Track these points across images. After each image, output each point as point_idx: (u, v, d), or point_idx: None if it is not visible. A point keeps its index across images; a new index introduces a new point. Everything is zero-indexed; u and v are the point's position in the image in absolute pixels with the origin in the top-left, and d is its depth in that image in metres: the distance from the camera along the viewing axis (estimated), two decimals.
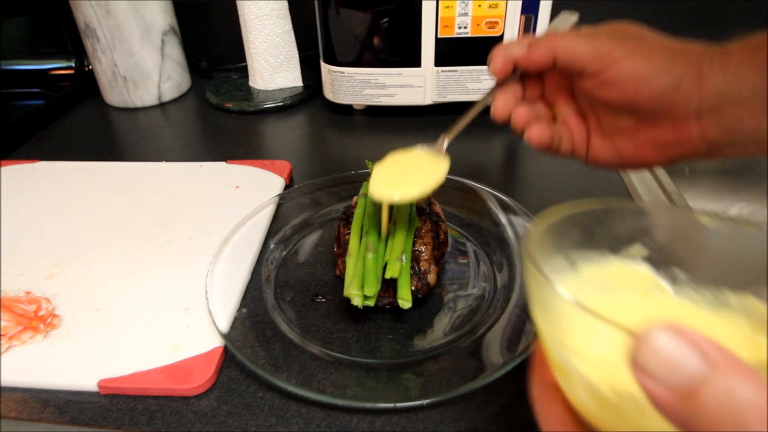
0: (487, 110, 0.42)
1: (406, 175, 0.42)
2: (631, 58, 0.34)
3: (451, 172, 0.59)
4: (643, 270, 0.28)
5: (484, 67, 0.70)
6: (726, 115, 0.34)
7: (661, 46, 0.35)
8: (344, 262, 0.44)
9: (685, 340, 0.16)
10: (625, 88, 0.35)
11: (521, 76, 0.40)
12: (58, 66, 0.92)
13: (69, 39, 0.89)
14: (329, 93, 0.77)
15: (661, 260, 0.28)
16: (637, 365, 0.17)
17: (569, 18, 0.44)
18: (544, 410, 0.24)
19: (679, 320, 0.25)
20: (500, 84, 0.40)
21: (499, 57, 0.39)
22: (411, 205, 0.47)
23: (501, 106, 0.40)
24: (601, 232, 0.28)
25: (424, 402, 0.37)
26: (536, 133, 0.40)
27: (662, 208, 0.28)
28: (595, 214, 0.27)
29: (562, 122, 0.42)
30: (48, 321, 0.43)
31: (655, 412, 0.17)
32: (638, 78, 0.35)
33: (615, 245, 0.28)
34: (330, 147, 0.72)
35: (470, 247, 0.51)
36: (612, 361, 0.17)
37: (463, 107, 0.75)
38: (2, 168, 0.66)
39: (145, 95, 0.84)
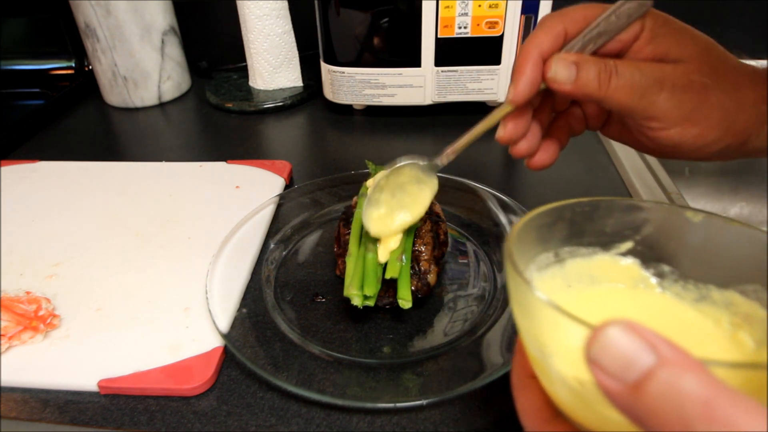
0: (482, 110, 0.41)
1: (395, 204, 0.41)
2: (683, 128, 0.32)
3: (451, 172, 0.59)
4: (630, 265, 0.28)
5: (484, 67, 0.70)
6: (752, 152, 0.34)
7: (722, 107, 0.32)
8: (344, 262, 0.44)
9: (636, 336, 0.17)
10: (665, 147, 0.34)
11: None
12: (58, 66, 0.92)
13: (69, 39, 0.89)
14: (329, 93, 0.77)
15: (649, 256, 0.28)
16: (590, 358, 0.17)
17: (630, 6, 0.32)
18: (522, 399, 0.25)
19: (661, 314, 0.26)
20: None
21: (523, 83, 0.33)
22: None
23: (508, 134, 0.36)
24: (589, 229, 0.28)
25: (424, 402, 0.37)
26: (540, 161, 0.38)
27: (651, 204, 0.27)
28: (583, 210, 0.27)
29: (583, 108, 0.39)
30: (48, 321, 0.43)
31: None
32: (684, 146, 0.33)
33: (604, 241, 0.28)
34: (330, 147, 0.72)
35: (470, 247, 0.51)
36: (577, 354, 0.18)
37: (463, 107, 0.76)
38: (2, 168, 0.66)
39: (145, 95, 0.84)
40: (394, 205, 0.41)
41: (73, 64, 0.91)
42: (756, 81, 0.33)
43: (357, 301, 0.40)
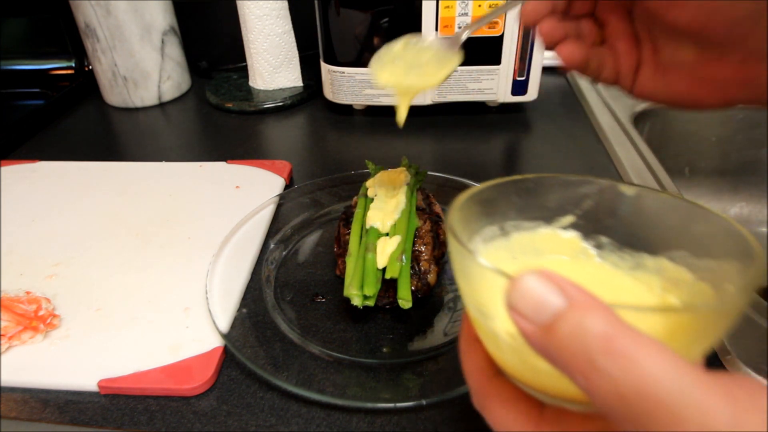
0: (482, 110, 0.40)
1: (413, 63, 0.39)
2: None
3: (451, 172, 0.59)
4: (571, 237, 0.30)
5: (484, 67, 0.70)
6: None
7: None
8: (344, 262, 0.44)
9: (548, 282, 0.18)
10: (699, 10, 0.30)
11: None
12: (58, 66, 0.92)
13: (69, 39, 0.89)
14: (329, 93, 0.77)
15: (589, 228, 0.30)
16: (509, 304, 0.19)
17: None
18: (467, 360, 0.27)
19: (599, 282, 0.28)
20: None
21: None
22: (411, 204, 0.47)
23: (530, 9, 0.35)
24: (533, 203, 0.29)
25: (424, 402, 0.37)
26: (567, 50, 0.35)
27: (590, 180, 0.29)
28: (527, 186, 0.29)
29: (609, 46, 0.36)
30: (48, 321, 0.43)
31: None
32: (713, 1, 0.30)
33: (547, 215, 0.30)
34: (330, 147, 0.72)
35: None
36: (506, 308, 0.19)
37: (463, 107, 0.76)
38: (2, 168, 0.66)
39: (145, 95, 0.84)
40: (412, 62, 0.39)
41: (73, 64, 0.91)
42: None
43: (357, 301, 0.40)
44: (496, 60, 0.70)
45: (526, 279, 0.18)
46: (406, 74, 0.39)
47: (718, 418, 0.16)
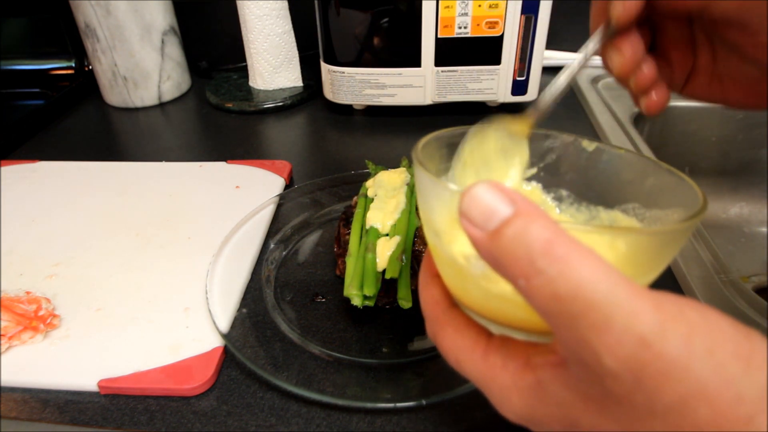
0: (482, 110, 0.38)
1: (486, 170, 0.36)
2: None
3: None
4: (533, 189, 0.31)
5: (484, 67, 0.70)
6: None
7: None
8: (344, 262, 0.44)
9: (498, 191, 0.19)
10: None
11: None
12: (58, 66, 0.92)
13: (69, 39, 0.89)
14: (329, 93, 0.77)
15: (550, 181, 0.31)
16: (461, 212, 0.19)
17: None
18: (425, 293, 0.28)
19: None
20: (615, 34, 0.30)
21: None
22: (411, 204, 0.47)
23: (627, 58, 0.30)
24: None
25: (424, 402, 0.37)
26: (659, 100, 0.32)
27: (553, 134, 0.30)
28: (491, 136, 0.30)
29: (663, 51, 0.33)
30: (48, 321, 0.43)
31: (492, 272, 0.20)
32: None
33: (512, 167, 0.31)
34: (330, 147, 0.72)
35: None
36: (462, 234, 0.20)
37: (463, 107, 0.76)
38: (2, 168, 0.66)
39: (145, 95, 0.84)
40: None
41: (73, 64, 0.91)
42: None
43: (357, 301, 0.40)
44: (496, 60, 0.70)
45: (477, 187, 0.19)
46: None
47: (643, 321, 0.16)
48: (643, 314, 0.17)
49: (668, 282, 0.47)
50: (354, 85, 0.73)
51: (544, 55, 0.70)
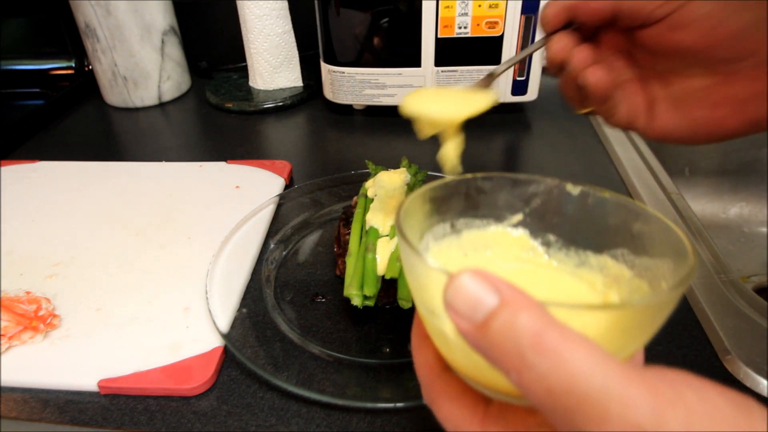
0: (473, 119, 0.39)
1: (448, 100, 0.39)
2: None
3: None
4: (521, 235, 0.31)
5: (484, 67, 0.70)
6: None
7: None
8: (344, 262, 0.44)
9: (482, 280, 0.19)
10: (699, 29, 0.31)
11: (576, 26, 0.36)
12: (58, 66, 0.92)
13: (69, 39, 0.89)
14: (329, 93, 0.77)
15: (537, 226, 0.31)
16: (446, 302, 0.19)
17: None
18: (417, 356, 0.27)
19: (546, 279, 0.29)
20: (550, 35, 0.36)
21: (551, 6, 0.35)
22: None
23: (557, 48, 0.36)
24: (483, 202, 0.30)
25: (424, 402, 0.37)
26: (596, 73, 0.35)
27: (536, 178, 0.30)
28: (477, 185, 0.29)
29: (619, 90, 0.37)
30: (48, 321, 0.43)
31: None
32: (713, 16, 0.30)
33: (497, 213, 0.31)
34: (330, 147, 0.72)
35: None
36: None
37: None
38: (2, 168, 0.66)
39: (145, 95, 0.84)
40: (447, 99, 0.39)
41: (73, 64, 0.91)
42: None
43: (357, 301, 0.40)
44: (496, 60, 0.70)
45: (461, 277, 0.19)
46: (433, 104, 0.38)
47: (639, 411, 0.16)
48: (639, 403, 0.16)
49: None
50: (354, 85, 0.73)
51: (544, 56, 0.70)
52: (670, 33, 0.32)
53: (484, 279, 0.19)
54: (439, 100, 0.39)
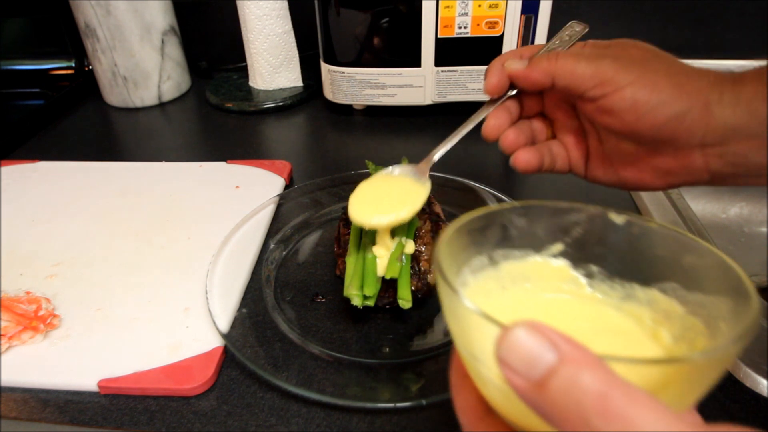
0: (472, 110, 0.41)
1: (385, 199, 0.43)
2: (633, 87, 0.33)
3: (451, 172, 0.59)
4: (561, 266, 0.30)
5: (484, 67, 0.70)
6: (732, 148, 0.33)
7: (667, 72, 0.33)
8: (344, 262, 0.44)
9: (539, 335, 0.18)
10: (625, 117, 0.34)
11: (519, 91, 0.39)
12: (58, 66, 0.92)
13: (69, 39, 0.89)
14: (329, 93, 0.77)
15: (579, 257, 0.29)
16: (499, 357, 0.18)
17: (576, 28, 0.41)
18: (458, 398, 0.26)
19: (588, 313, 0.28)
20: (495, 100, 0.40)
21: (494, 75, 0.38)
22: None
23: (491, 126, 0.40)
24: (522, 232, 0.29)
25: (424, 402, 0.37)
26: (522, 158, 0.39)
27: (578, 207, 0.28)
28: (515, 214, 0.28)
29: (560, 140, 0.41)
30: (48, 321, 0.43)
31: None
32: (640, 107, 0.33)
33: (536, 244, 0.29)
34: (330, 147, 0.72)
35: None
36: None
37: (463, 107, 0.76)
38: (2, 168, 0.66)
39: (145, 95, 0.84)
40: (385, 198, 0.43)
41: (73, 64, 0.91)
42: (699, 73, 0.34)
43: (357, 301, 0.40)
44: None
45: (516, 332, 0.18)
46: (375, 212, 0.42)
47: None
48: None
49: None
50: (354, 85, 0.73)
51: None
52: (600, 113, 0.35)
53: (541, 333, 0.18)
54: (380, 201, 0.43)
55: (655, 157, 0.36)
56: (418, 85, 0.72)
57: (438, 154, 0.43)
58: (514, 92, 0.39)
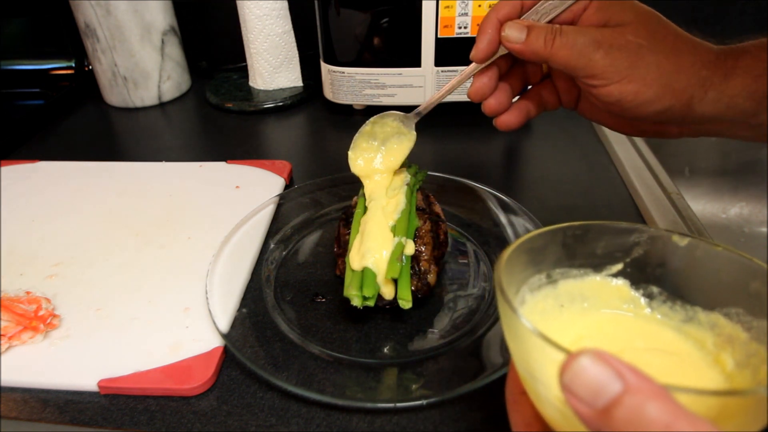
0: (472, 110, 0.41)
1: (378, 152, 0.49)
2: (620, 85, 0.35)
3: (451, 172, 0.59)
4: (620, 286, 0.29)
5: None
6: (706, 127, 0.37)
7: (659, 66, 0.34)
8: (344, 262, 0.44)
9: (604, 364, 0.18)
10: (610, 105, 0.36)
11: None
12: (58, 66, 0.91)
13: (69, 39, 0.89)
14: (329, 93, 0.77)
15: (639, 277, 0.29)
16: (564, 385, 0.18)
17: None
18: (515, 414, 0.26)
19: (648, 335, 0.28)
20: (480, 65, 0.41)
21: (484, 40, 0.38)
22: (411, 204, 0.47)
23: (476, 89, 0.41)
24: (581, 251, 0.29)
25: (424, 402, 0.37)
26: (503, 121, 0.42)
27: (640, 228, 0.28)
28: (574, 233, 0.28)
29: (554, 82, 0.42)
30: (48, 321, 0.43)
31: None
32: (624, 104, 0.35)
33: (595, 263, 0.29)
34: (330, 147, 0.72)
35: (470, 247, 0.51)
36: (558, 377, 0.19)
37: (463, 107, 0.76)
38: (2, 168, 0.66)
39: (145, 95, 0.84)
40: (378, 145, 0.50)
41: (73, 64, 0.91)
42: (697, 48, 0.35)
43: (357, 302, 0.40)
44: None
45: (581, 360, 0.18)
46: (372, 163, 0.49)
47: None
48: None
49: None
50: (354, 85, 0.73)
51: None
52: (588, 93, 0.37)
53: (606, 363, 0.18)
54: (375, 153, 0.50)
55: (635, 122, 0.40)
56: (418, 85, 0.72)
57: (422, 113, 0.49)
58: (504, 52, 0.39)
